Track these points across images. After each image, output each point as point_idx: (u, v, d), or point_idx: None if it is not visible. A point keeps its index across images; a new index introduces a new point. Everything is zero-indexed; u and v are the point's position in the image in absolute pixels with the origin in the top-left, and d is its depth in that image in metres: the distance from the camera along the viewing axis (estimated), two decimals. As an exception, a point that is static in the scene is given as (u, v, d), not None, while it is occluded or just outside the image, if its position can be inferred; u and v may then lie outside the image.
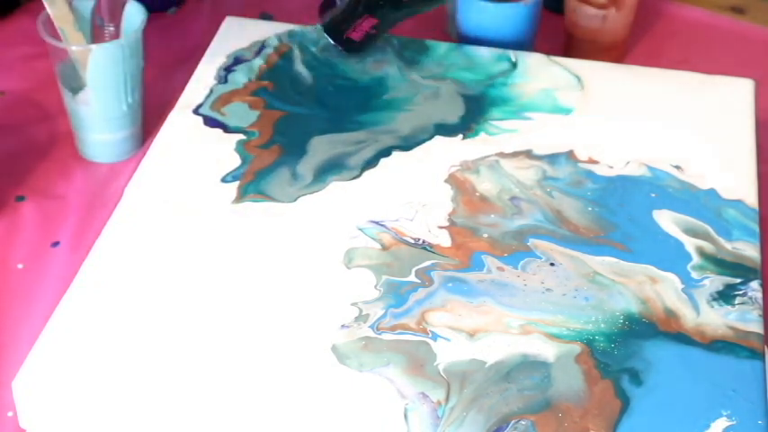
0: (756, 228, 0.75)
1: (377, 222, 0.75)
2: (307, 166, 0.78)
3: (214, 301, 0.69)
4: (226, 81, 0.86)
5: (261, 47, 0.89)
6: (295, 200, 0.76)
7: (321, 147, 0.80)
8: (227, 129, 0.82)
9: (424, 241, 0.73)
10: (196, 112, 0.83)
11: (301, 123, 0.82)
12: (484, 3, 0.94)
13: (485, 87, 0.86)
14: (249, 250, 0.72)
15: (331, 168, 0.78)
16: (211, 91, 0.85)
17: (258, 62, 0.87)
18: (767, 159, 0.86)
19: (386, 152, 0.80)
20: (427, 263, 0.72)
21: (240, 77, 0.86)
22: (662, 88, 0.87)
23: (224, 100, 0.84)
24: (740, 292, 0.71)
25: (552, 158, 0.80)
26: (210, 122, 0.82)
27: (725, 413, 0.64)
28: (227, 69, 0.87)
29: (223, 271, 0.71)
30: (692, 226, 0.75)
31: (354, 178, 0.77)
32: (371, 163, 0.79)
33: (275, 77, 0.86)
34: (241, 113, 0.83)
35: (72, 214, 0.85)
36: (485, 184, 0.78)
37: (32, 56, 0.99)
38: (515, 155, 0.80)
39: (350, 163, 0.79)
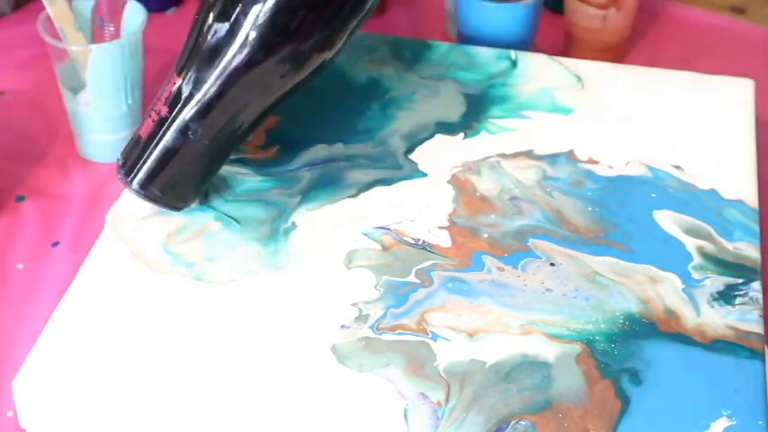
0: (757, 228, 0.75)
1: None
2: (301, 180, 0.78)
3: (214, 300, 0.69)
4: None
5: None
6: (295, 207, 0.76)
7: (319, 153, 0.80)
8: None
9: (424, 241, 0.73)
10: None
11: (299, 125, 0.82)
12: (484, 3, 0.94)
13: (485, 87, 0.86)
14: (249, 250, 0.72)
15: (326, 185, 0.78)
16: None
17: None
18: (767, 159, 0.86)
19: (385, 181, 0.78)
20: (427, 263, 0.72)
21: None
22: (662, 88, 0.87)
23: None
24: (741, 293, 0.71)
25: (552, 158, 0.80)
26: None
27: (725, 413, 0.64)
28: None
29: (223, 270, 0.71)
30: (693, 226, 0.75)
31: (351, 197, 0.77)
32: (369, 186, 0.78)
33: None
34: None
35: (72, 214, 0.85)
36: (485, 185, 0.78)
37: (32, 56, 0.99)
38: (516, 155, 0.80)
39: (347, 182, 0.78)
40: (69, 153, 0.91)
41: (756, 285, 0.71)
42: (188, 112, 0.71)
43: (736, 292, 0.71)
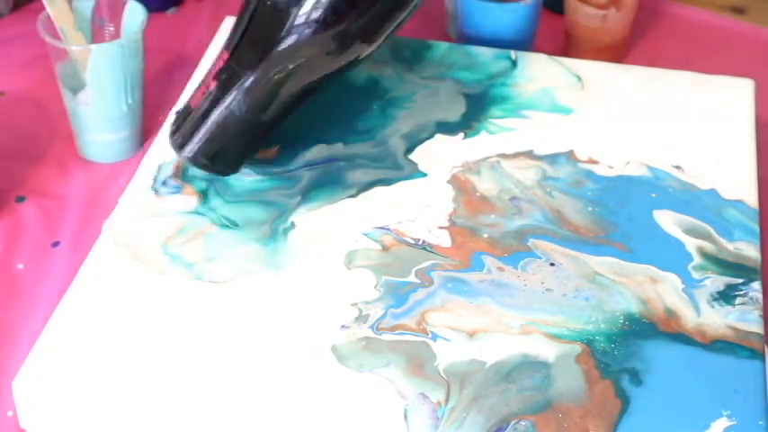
0: (757, 228, 0.75)
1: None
2: (302, 181, 0.78)
3: (214, 299, 0.69)
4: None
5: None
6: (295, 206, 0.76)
7: (319, 153, 0.80)
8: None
9: (424, 241, 0.73)
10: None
11: (299, 125, 0.82)
12: (484, 3, 0.94)
13: (485, 87, 0.86)
14: (249, 250, 0.72)
15: (325, 185, 0.78)
16: None
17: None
18: (767, 159, 0.86)
19: (385, 181, 0.78)
20: (427, 263, 0.72)
21: None
22: (662, 88, 0.87)
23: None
24: (741, 293, 0.71)
25: (552, 158, 0.80)
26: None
27: (725, 413, 0.64)
28: None
29: (223, 270, 0.71)
30: (693, 226, 0.75)
31: (351, 197, 0.77)
32: (369, 186, 0.78)
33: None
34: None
35: (72, 214, 0.85)
36: (485, 185, 0.78)
37: (32, 56, 0.99)
38: (516, 155, 0.80)
39: (347, 182, 0.78)
40: (69, 153, 0.91)
41: (756, 285, 0.71)
42: (235, 87, 0.74)
43: (736, 292, 0.71)
